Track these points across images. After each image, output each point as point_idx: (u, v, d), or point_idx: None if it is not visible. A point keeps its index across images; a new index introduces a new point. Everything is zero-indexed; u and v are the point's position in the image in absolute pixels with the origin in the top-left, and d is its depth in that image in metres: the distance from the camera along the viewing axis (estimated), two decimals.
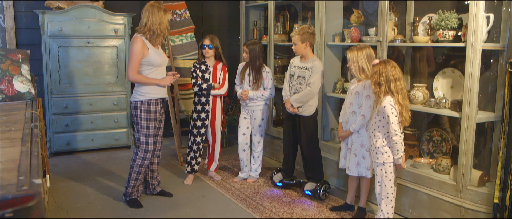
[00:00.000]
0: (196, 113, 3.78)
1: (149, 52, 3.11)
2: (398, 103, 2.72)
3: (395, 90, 2.71)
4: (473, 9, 2.65)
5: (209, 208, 3.32)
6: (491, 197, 2.63)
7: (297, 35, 3.41)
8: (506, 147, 2.55)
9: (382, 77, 2.72)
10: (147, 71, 3.16)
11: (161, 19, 3.11)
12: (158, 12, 3.10)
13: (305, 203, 3.40)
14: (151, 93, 3.16)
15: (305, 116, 3.49)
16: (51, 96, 4.51)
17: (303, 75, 3.45)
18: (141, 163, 3.24)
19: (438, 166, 3.07)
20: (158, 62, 3.18)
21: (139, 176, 3.28)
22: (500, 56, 2.82)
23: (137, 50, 3.06)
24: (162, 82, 3.20)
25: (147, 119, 3.17)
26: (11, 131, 2.15)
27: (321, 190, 3.41)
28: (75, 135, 4.65)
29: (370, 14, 3.89)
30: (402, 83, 2.74)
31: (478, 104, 2.76)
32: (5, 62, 3.29)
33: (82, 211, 3.21)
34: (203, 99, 3.75)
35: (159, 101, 3.23)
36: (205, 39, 3.72)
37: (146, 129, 3.19)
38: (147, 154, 3.23)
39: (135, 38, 3.10)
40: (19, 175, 1.39)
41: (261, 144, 3.90)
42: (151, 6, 3.12)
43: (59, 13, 4.44)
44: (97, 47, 4.63)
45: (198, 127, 3.78)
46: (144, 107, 3.15)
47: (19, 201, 1.18)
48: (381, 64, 2.76)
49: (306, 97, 3.42)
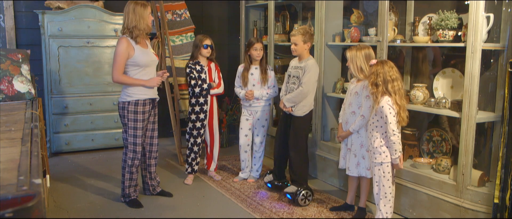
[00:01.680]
0: (194, 114, 3.75)
1: (135, 52, 3.05)
2: (396, 103, 2.73)
3: (392, 91, 2.72)
4: (473, 9, 2.65)
5: (209, 208, 3.32)
6: (491, 197, 2.63)
7: (299, 35, 3.37)
8: (506, 147, 2.55)
9: (379, 78, 2.72)
10: (133, 72, 3.10)
11: (139, 15, 3.01)
12: (133, 9, 3.01)
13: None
14: (138, 94, 3.11)
15: (297, 117, 3.43)
16: (51, 96, 4.52)
17: (296, 75, 3.43)
18: (131, 163, 3.21)
19: (438, 166, 3.07)
20: (144, 62, 3.10)
21: (132, 175, 3.26)
22: (500, 56, 2.83)
23: (120, 50, 3.01)
24: (148, 83, 3.13)
25: (134, 120, 3.13)
26: (11, 131, 2.15)
27: (300, 195, 3.27)
28: (75, 135, 4.66)
29: (370, 14, 3.90)
30: (400, 83, 2.75)
31: (478, 104, 2.76)
32: (5, 62, 3.30)
33: (82, 211, 3.21)
34: (201, 99, 3.73)
35: (148, 101, 3.18)
36: (206, 39, 3.69)
37: (133, 130, 3.15)
38: (137, 154, 3.21)
39: (119, 39, 3.06)
40: (19, 175, 1.39)
41: (263, 145, 3.89)
42: (127, 5, 3.06)
43: (59, 13, 4.45)
44: (97, 47, 4.64)
45: (198, 128, 3.77)
46: (131, 108, 3.11)
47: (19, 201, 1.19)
48: (379, 65, 2.76)
49: (298, 97, 3.37)
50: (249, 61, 3.75)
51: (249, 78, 3.75)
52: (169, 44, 4.62)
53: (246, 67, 3.76)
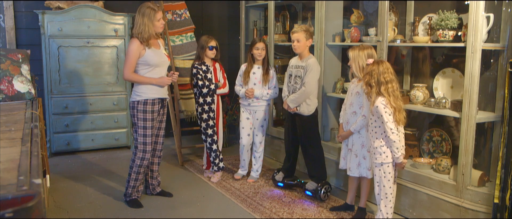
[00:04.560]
0: (205, 113, 3.78)
1: (146, 52, 3.12)
2: (390, 105, 2.70)
3: (386, 93, 2.70)
4: (473, 9, 2.66)
5: (209, 208, 3.33)
6: (491, 197, 2.63)
7: (302, 32, 3.36)
8: (506, 147, 2.56)
9: (373, 79, 2.72)
10: (144, 71, 3.16)
11: (148, 20, 3.08)
12: (143, 13, 3.09)
13: (305, 203, 3.40)
14: (147, 93, 3.16)
15: (304, 116, 3.46)
16: (51, 96, 4.52)
17: (299, 75, 3.43)
18: (140, 163, 3.24)
19: (438, 166, 3.07)
20: (155, 62, 3.16)
21: (138, 176, 3.28)
22: (500, 56, 2.83)
23: (132, 49, 3.10)
24: (158, 81, 3.18)
25: (143, 119, 3.17)
26: (11, 131, 2.15)
27: (321, 191, 3.39)
28: (75, 135, 4.66)
29: (370, 14, 3.90)
30: (394, 85, 2.72)
31: (478, 104, 2.76)
32: (5, 62, 3.30)
33: (82, 211, 3.21)
34: (209, 99, 3.76)
35: (157, 101, 3.21)
36: (211, 41, 3.71)
37: (143, 129, 3.18)
38: (146, 155, 3.23)
39: (131, 39, 3.16)
40: (19, 175, 1.39)
41: (263, 144, 3.91)
42: (139, 9, 3.13)
43: (59, 13, 4.45)
44: (97, 47, 4.64)
45: (212, 126, 3.80)
46: (140, 107, 3.15)
47: (19, 201, 1.18)
48: (374, 65, 2.76)
49: (301, 97, 3.39)
50: (252, 60, 3.76)
51: (251, 77, 3.75)
52: (169, 44, 4.62)
53: (249, 66, 3.78)
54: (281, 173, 3.74)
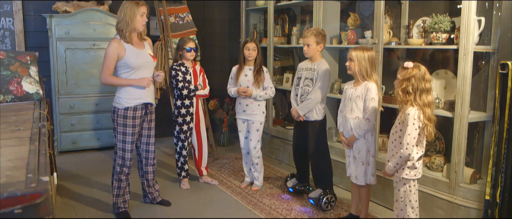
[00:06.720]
0: (181, 117, 3.63)
1: (126, 53, 2.84)
2: (425, 118, 2.39)
3: (422, 103, 2.39)
4: (465, 12, 2.71)
5: (210, 205, 3.37)
6: (483, 194, 2.69)
7: (312, 36, 3.18)
8: (497, 145, 2.59)
9: (411, 86, 2.38)
10: (125, 74, 2.90)
11: (129, 13, 2.82)
12: (125, 7, 2.84)
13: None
14: (129, 99, 2.90)
15: (313, 121, 3.30)
16: (58, 97, 4.62)
17: (310, 77, 3.26)
18: (119, 170, 3.00)
19: (432, 164, 3.13)
20: (136, 64, 2.87)
21: (121, 184, 3.04)
22: (491, 58, 2.88)
23: (109, 51, 2.82)
24: (137, 82, 2.88)
25: (123, 125, 2.92)
26: (20, 130, 2.17)
27: (323, 200, 3.21)
28: (81, 134, 4.76)
29: (366, 17, 3.95)
30: (432, 96, 2.45)
31: (470, 104, 2.81)
32: (14, 64, 3.38)
33: (88, 208, 3.28)
34: (187, 102, 3.63)
35: (140, 107, 2.95)
36: (189, 42, 3.58)
37: (122, 135, 2.94)
38: (125, 162, 2.99)
39: (110, 41, 2.89)
40: (28, 173, 1.41)
41: (258, 150, 3.62)
42: (123, 3, 2.87)
43: (66, 17, 4.54)
44: (103, 49, 4.70)
45: (185, 131, 3.67)
46: (120, 113, 2.91)
47: (28, 198, 1.20)
48: (415, 69, 2.40)
49: (311, 104, 3.24)
50: (243, 61, 3.57)
51: (243, 79, 3.54)
52: (171, 46, 4.71)
53: (240, 68, 3.57)
54: (294, 179, 3.61)
